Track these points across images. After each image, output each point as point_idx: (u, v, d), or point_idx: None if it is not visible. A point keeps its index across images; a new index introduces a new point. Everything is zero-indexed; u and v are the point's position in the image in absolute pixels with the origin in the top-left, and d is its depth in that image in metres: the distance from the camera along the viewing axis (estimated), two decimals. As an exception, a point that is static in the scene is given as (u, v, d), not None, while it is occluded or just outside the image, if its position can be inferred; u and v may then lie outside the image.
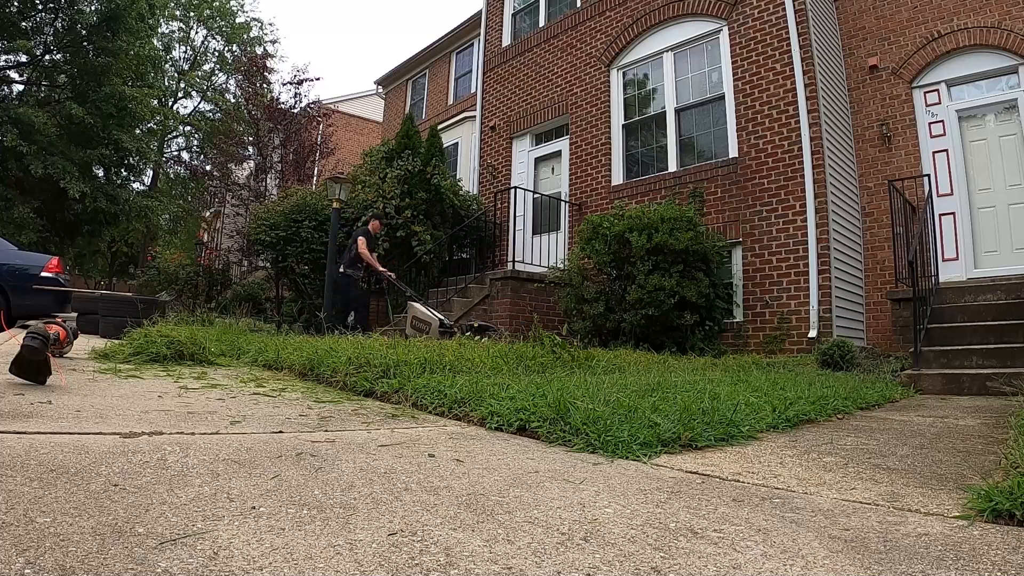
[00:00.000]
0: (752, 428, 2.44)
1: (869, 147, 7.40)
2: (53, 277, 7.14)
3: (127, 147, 16.60)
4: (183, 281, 14.64)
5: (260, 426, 2.19)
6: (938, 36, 6.92)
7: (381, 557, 1.02)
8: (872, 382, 4.38)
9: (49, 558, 0.90)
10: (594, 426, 2.18)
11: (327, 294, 8.10)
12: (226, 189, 17.91)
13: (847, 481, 1.73)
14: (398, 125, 10.58)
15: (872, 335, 7.12)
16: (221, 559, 0.96)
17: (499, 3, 11.44)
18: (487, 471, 1.71)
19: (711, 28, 7.93)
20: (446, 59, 15.16)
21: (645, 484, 1.64)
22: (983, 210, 6.63)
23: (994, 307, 5.29)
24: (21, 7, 15.67)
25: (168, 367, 4.01)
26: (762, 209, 7.06)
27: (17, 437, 1.69)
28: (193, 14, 25.71)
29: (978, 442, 2.40)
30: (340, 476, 1.55)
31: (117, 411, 2.27)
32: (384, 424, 2.43)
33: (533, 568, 1.01)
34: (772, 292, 6.83)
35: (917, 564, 1.09)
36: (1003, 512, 1.35)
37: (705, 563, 1.07)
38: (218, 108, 24.19)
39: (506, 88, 10.84)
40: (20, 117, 14.16)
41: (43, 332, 2.67)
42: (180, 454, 1.65)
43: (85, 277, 28.27)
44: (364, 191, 9.38)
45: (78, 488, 1.26)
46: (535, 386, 2.95)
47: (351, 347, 4.25)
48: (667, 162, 8.19)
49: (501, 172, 10.62)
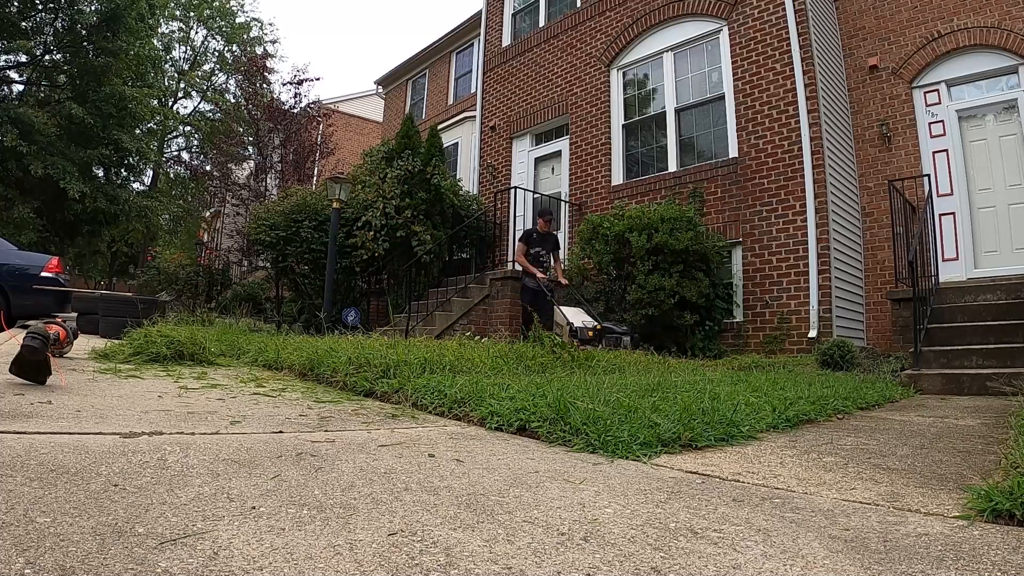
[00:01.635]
0: (752, 428, 2.44)
1: (869, 147, 7.40)
2: (53, 277, 7.14)
3: (127, 147, 16.60)
4: (183, 281, 14.65)
5: (260, 426, 2.19)
6: (938, 36, 6.92)
7: (381, 557, 1.02)
8: (872, 382, 4.37)
9: (49, 558, 0.90)
10: (594, 426, 2.18)
11: (327, 294, 8.10)
12: (226, 189, 17.91)
13: (847, 481, 1.73)
14: (398, 125, 10.57)
15: (872, 335, 7.12)
16: (221, 559, 0.96)
17: (499, 3, 11.43)
18: (487, 471, 1.71)
19: (711, 28, 7.92)
20: (446, 59, 15.15)
21: (645, 484, 1.64)
22: (983, 210, 6.62)
23: (994, 307, 5.28)
24: (21, 7, 15.67)
25: (168, 367, 4.02)
26: (762, 209, 7.05)
27: (17, 437, 1.69)
28: (193, 14, 25.72)
29: (978, 442, 2.40)
30: (340, 476, 1.55)
31: (117, 411, 2.27)
32: (384, 424, 2.43)
33: (533, 568, 1.01)
34: (772, 292, 6.83)
35: (917, 564, 1.09)
36: (1003, 512, 1.35)
37: (705, 563, 1.07)
38: (218, 108, 24.18)
39: (506, 88, 10.84)
40: (20, 117, 14.17)
41: (43, 332, 2.67)
42: (180, 454, 1.65)
43: (85, 277, 28.28)
44: (364, 191, 9.38)
45: (78, 488, 1.26)
46: (535, 386, 2.95)
47: (351, 347, 4.25)
48: (667, 162, 8.19)
49: (501, 172, 10.62)
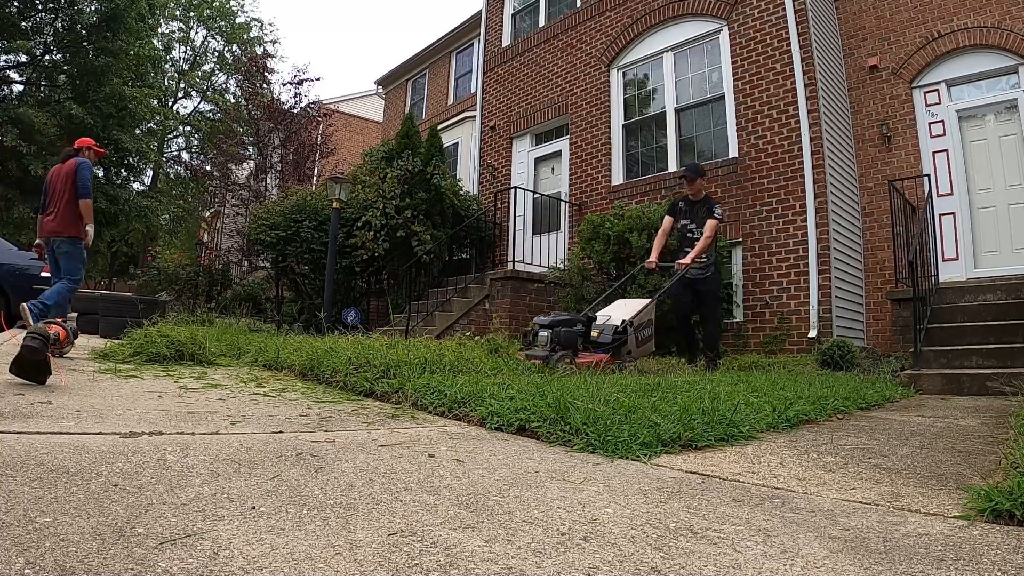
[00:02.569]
0: (752, 428, 2.44)
1: (869, 147, 7.40)
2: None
3: (127, 147, 16.60)
4: (183, 281, 14.64)
5: (260, 426, 2.19)
6: (938, 36, 6.91)
7: (381, 557, 1.02)
8: (872, 382, 4.37)
9: (49, 558, 0.90)
10: (594, 426, 2.17)
11: (327, 294, 8.10)
12: (226, 189, 17.90)
13: (847, 481, 1.73)
14: (398, 125, 10.57)
15: (872, 335, 7.11)
16: (221, 559, 0.96)
17: (499, 3, 11.43)
18: (487, 471, 1.71)
19: (711, 28, 7.92)
20: (446, 59, 15.15)
21: (645, 484, 1.64)
22: (983, 210, 6.62)
23: (994, 307, 5.28)
24: (21, 7, 15.67)
25: (168, 367, 4.02)
26: (762, 209, 7.05)
27: (17, 437, 1.69)
28: (193, 14, 25.72)
29: (978, 442, 2.40)
30: (340, 476, 1.55)
31: (117, 411, 2.27)
32: (384, 424, 2.43)
33: (533, 568, 1.01)
34: (772, 292, 6.83)
35: (917, 564, 1.09)
36: (1003, 512, 1.35)
37: (705, 563, 1.07)
38: (218, 108, 24.19)
39: (506, 88, 10.84)
40: (20, 117, 14.17)
41: (43, 332, 2.67)
42: (180, 454, 1.65)
43: (85, 277, 28.27)
44: (364, 191, 9.38)
45: (78, 488, 1.26)
46: (535, 386, 2.95)
47: (351, 347, 4.25)
48: (667, 162, 8.19)
49: (501, 172, 10.62)
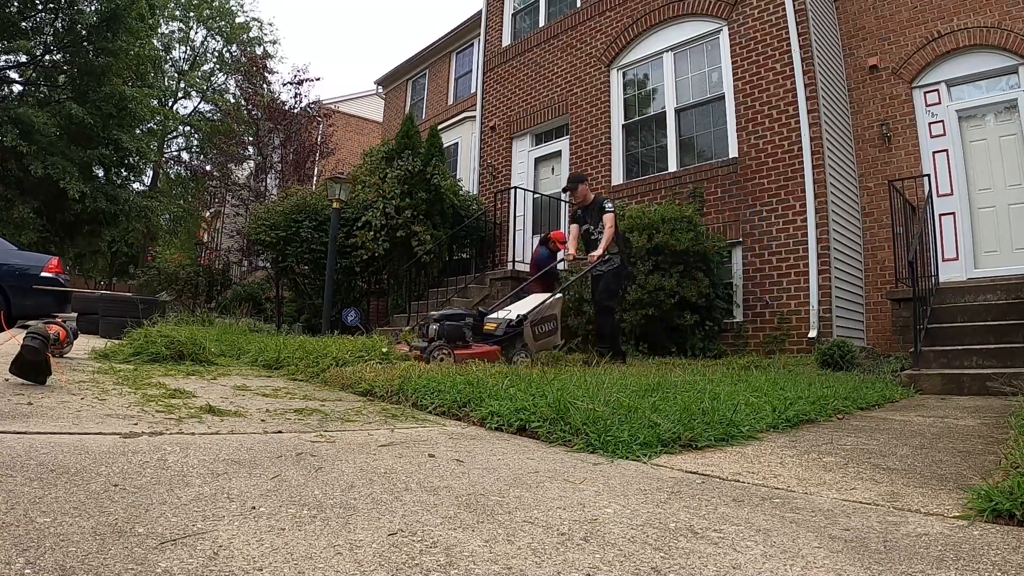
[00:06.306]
0: (752, 428, 2.44)
1: (869, 147, 7.40)
2: (53, 277, 7.14)
3: (127, 147, 16.57)
4: (183, 281, 14.65)
5: (260, 426, 2.19)
6: (938, 36, 6.91)
7: (381, 557, 1.02)
8: (872, 382, 4.37)
9: (49, 558, 0.90)
10: (594, 426, 2.17)
11: (327, 294, 8.10)
12: (226, 189, 17.90)
13: (847, 481, 1.73)
14: (398, 125, 10.56)
15: (872, 335, 7.11)
16: (221, 559, 0.96)
17: (499, 3, 11.43)
18: (487, 471, 1.71)
19: (711, 28, 7.92)
20: (446, 59, 15.15)
21: (645, 484, 1.64)
22: (983, 210, 6.62)
23: (994, 307, 5.28)
24: (21, 7, 15.66)
25: (168, 367, 4.02)
26: (762, 209, 7.05)
27: (17, 437, 1.69)
28: (193, 14, 25.69)
29: (978, 442, 2.40)
30: (340, 476, 1.55)
31: (117, 412, 2.27)
32: (384, 424, 2.43)
33: (533, 568, 1.01)
34: (772, 292, 6.83)
35: (917, 564, 1.09)
36: (1003, 512, 1.35)
37: (705, 563, 1.07)
38: (218, 108, 24.17)
39: (506, 88, 10.84)
40: (20, 117, 14.14)
41: (43, 332, 2.67)
42: (180, 454, 1.65)
43: (85, 277, 28.24)
44: (364, 191, 9.38)
45: (78, 488, 1.26)
46: (535, 386, 2.95)
47: (351, 347, 4.25)
48: (667, 162, 8.19)
49: (501, 172, 10.62)
